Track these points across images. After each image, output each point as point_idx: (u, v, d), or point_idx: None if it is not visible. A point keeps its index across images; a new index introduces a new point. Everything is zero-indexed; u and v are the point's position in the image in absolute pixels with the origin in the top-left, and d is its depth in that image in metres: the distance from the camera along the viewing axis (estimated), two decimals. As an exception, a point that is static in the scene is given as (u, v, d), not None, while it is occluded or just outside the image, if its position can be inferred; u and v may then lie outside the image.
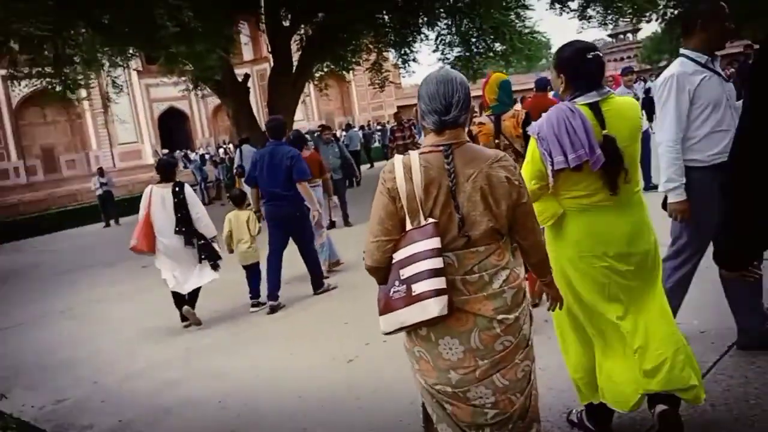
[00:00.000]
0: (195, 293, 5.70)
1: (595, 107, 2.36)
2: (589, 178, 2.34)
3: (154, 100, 36.38)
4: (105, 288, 8.36)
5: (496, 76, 4.33)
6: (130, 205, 20.86)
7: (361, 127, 24.84)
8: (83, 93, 22.98)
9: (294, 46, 17.63)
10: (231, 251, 6.07)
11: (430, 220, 1.87)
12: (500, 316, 1.89)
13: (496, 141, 4.09)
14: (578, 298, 2.47)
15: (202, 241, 5.61)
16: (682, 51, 3.10)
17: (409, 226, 1.89)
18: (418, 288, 1.83)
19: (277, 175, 5.76)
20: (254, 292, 5.95)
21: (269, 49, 16.93)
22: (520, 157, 3.89)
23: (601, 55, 2.50)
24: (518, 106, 5.46)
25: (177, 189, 5.55)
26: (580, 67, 2.38)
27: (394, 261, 1.91)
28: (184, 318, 5.66)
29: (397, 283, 1.89)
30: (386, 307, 1.92)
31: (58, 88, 14.77)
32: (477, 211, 1.88)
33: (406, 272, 1.86)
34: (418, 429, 2.31)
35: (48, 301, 8.05)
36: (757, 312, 3.16)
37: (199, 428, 3.57)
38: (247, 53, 37.12)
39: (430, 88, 1.95)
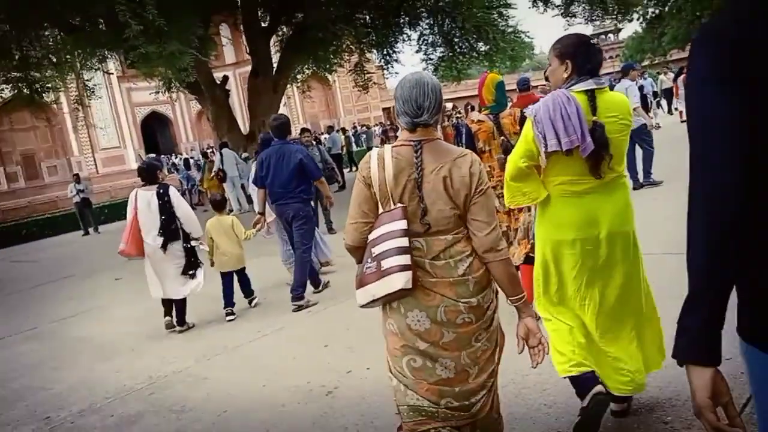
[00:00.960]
0: (181, 308, 5.72)
1: (590, 95, 2.48)
2: (577, 164, 2.46)
3: (136, 104, 35.84)
4: (75, 303, 7.95)
5: (492, 77, 4.43)
6: (111, 211, 20.54)
7: (343, 130, 24.45)
8: (62, 98, 22.56)
9: (273, 48, 17.31)
10: (212, 264, 5.92)
11: (399, 204, 2.07)
12: (463, 300, 2.06)
13: (501, 138, 4.26)
14: (561, 281, 2.59)
15: (187, 245, 5.59)
16: None
17: (381, 210, 2.11)
18: (386, 264, 2.02)
19: (284, 174, 5.77)
20: (246, 293, 6.13)
21: (247, 51, 16.60)
22: None
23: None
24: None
25: (161, 191, 5.50)
26: (588, 55, 2.52)
27: (368, 240, 2.12)
28: (169, 325, 5.71)
29: (369, 260, 2.09)
30: (361, 282, 2.11)
31: (25, 92, 14.31)
32: (441, 200, 2.06)
33: (377, 250, 2.06)
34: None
35: (12, 320, 7.62)
36: None
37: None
38: (230, 56, 36.75)
39: (404, 92, 2.11)
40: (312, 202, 6.12)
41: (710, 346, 1.15)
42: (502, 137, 4.30)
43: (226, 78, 17.66)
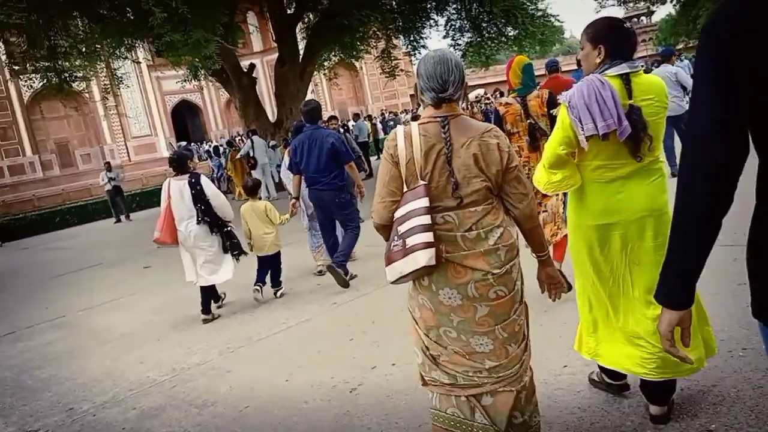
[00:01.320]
0: (209, 295, 5.79)
1: (625, 78, 2.45)
2: (614, 148, 2.44)
3: (166, 93, 36.26)
4: (104, 292, 7.98)
5: (519, 59, 4.43)
6: (143, 199, 20.81)
7: (369, 117, 24.28)
8: (93, 87, 22.82)
9: (300, 35, 17.19)
10: (251, 248, 6.01)
11: (421, 182, 2.08)
12: (494, 270, 2.09)
13: (528, 121, 4.27)
14: (597, 267, 2.59)
15: (227, 229, 5.70)
16: None
17: (405, 189, 2.12)
18: (410, 241, 2.05)
19: (319, 158, 5.83)
20: (274, 281, 6.13)
21: (274, 38, 16.51)
22: (544, 135, 4.13)
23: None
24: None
25: (193, 180, 5.58)
26: (621, 39, 2.49)
27: (394, 219, 2.14)
28: (206, 311, 5.74)
29: (395, 238, 2.12)
30: (388, 259, 2.14)
31: (54, 81, 14.45)
32: (471, 174, 2.09)
33: (402, 228, 2.09)
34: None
35: (40, 308, 7.70)
36: None
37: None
38: (257, 43, 36.81)
39: (429, 68, 2.13)
40: (358, 183, 6.15)
41: (681, 294, 1.38)
42: (530, 120, 4.30)
43: (252, 66, 17.60)
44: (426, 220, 2.05)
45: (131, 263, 9.89)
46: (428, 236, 2.03)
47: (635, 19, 75.42)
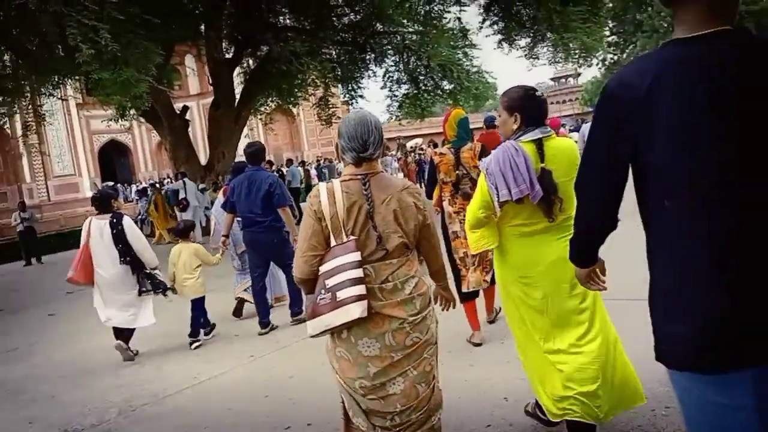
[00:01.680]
0: (124, 336, 5.56)
1: (538, 143, 2.65)
2: (529, 209, 2.66)
3: (95, 132, 35.10)
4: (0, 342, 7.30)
5: (456, 113, 4.64)
6: (58, 241, 19.63)
7: (302, 163, 24.21)
8: (17, 123, 21.76)
9: (237, 80, 17.01)
10: (175, 291, 5.80)
11: (351, 237, 2.18)
12: (410, 318, 2.20)
13: (457, 172, 4.47)
14: (521, 314, 2.80)
15: (147, 271, 5.52)
16: None
17: (333, 243, 2.19)
18: (341, 294, 2.12)
19: (256, 200, 5.77)
20: (194, 330, 5.79)
21: (209, 81, 16.25)
22: (475, 185, 4.20)
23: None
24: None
25: (114, 220, 5.44)
26: (534, 106, 2.70)
27: (320, 273, 2.20)
28: (121, 349, 5.49)
29: (323, 291, 2.17)
30: (313, 312, 2.20)
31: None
32: (390, 229, 2.22)
33: (331, 282, 2.15)
34: None
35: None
36: None
37: None
38: (194, 86, 36.40)
39: (350, 129, 2.25)
40: (291, 229, 5.97)
41: (584, 261, 1.92)
42: (458, 171, 4.49)
43: (186, 108, 17.24)
44: (357, 273, 2.13)
45: (37, 310, 9.15)
46: (360, 289, 2.12)
47: (563, 80, 79.69)
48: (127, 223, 5.51)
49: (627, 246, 2.31)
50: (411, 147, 25.23)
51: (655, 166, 1.43)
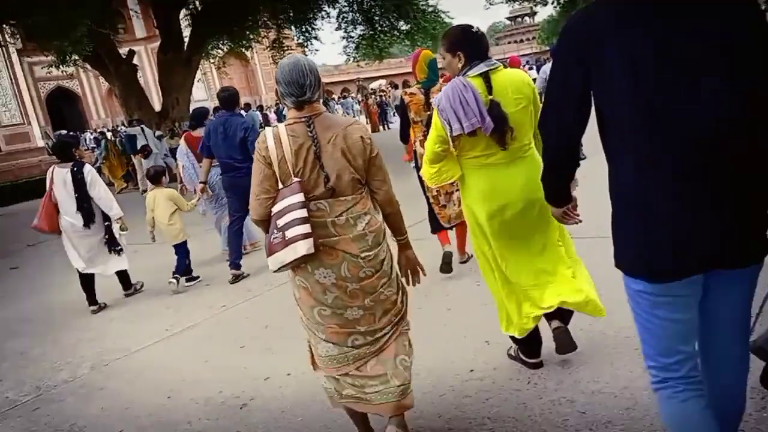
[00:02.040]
0: (123, 276, 5.83)
1: (485, 76, 2.73)
2: (484, 140, 2.75)
3: (39, 79, 33.55)
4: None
5: (425, 54, 4.67)
6: (13, 192, 18.89)
7: (260, 107, 23.68)
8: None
9: (184, 22, 16.31)
10: (153, 239, 5.90)
11: (295, 179, 2.27)
12: (363, 254, 2.31)
13: (428, 112, 4.47)
14: (488, 242, 2.90)
15: (107, 223, 5.56)
16: None
17: (281, 186, 2.28)
18: (290, 233, 2.23)
19: (233, 145, 5.74)
20: (178, 269, 5.88)
21: (155, 25, 15.55)
22: None
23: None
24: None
25: (75, 169, 5.43)
26: (474, 42, 2.79)
27: (272, 213, 2.31)
28: (92, 302, 5.62)
29: (275, 231, 2.29)
30: (270, 250, 2.31)
31: None
32: (339, 166, 2.28)
33: (281, 221, 2.26)
34: None
35: None
36: None
37: None
38: (140, 30, 34.85)
39: (285, 75, 2.29)
40: None
41: (557, 200, 2.02)
42: (429, 111, 4.48)
43: (132, 52, 16.50)
44: (303, 213, 2.23)
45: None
46: (306, 228, 2.22)
47: (519, 19, 79.03)
48: (88, 170, 5.49)
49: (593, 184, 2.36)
50: (372, 89, 24.88)
51: (610, 103, 1.60)
